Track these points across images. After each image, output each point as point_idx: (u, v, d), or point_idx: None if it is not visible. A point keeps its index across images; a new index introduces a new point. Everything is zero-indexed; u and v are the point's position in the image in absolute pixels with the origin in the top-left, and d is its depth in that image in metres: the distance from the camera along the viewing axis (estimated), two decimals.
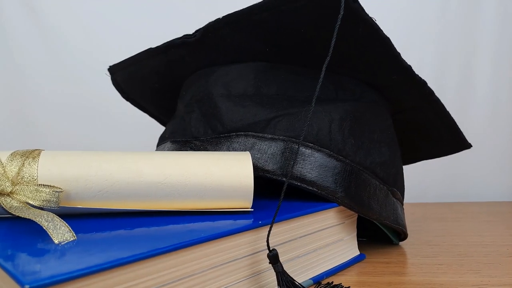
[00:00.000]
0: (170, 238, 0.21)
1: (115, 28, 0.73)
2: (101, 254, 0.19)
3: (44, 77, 0.73)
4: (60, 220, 0.22)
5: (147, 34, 0.71)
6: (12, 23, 0.72)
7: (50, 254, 0.19)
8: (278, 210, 0.28)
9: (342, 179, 0.32)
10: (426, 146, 0.45)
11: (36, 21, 0.72)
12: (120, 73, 0.44)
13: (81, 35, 0.73)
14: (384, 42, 0.29)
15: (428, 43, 0.68)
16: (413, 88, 0.35)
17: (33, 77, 0.73)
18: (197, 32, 0.34)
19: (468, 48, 0.69)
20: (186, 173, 0.27)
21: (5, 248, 0.19)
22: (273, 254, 0.24)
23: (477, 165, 0.70)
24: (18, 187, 0.24)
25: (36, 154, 0.26)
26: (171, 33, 0.70)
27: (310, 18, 0.28)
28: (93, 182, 0.25)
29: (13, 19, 0.72)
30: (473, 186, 0.70)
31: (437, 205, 0.62)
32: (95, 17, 0.73)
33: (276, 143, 0.32)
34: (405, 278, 0.31)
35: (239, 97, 0.34)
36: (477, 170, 0.70)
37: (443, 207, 0.60)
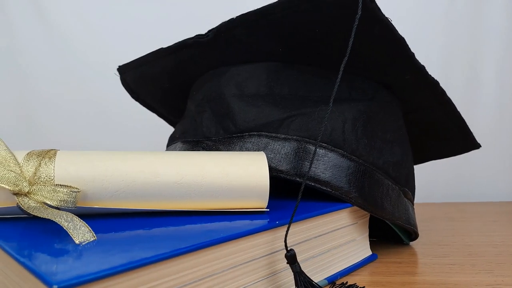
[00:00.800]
0: (190, 238, 0.21)
1: (121, 29, 0.73)
2: (123, 254, 0.18)
3: (49, 78, 0.73)
4: (79, 220, 0.22)
5: (153, 35, 0.71)
6: (18, 24, 0.72)
7: (72, 254, 0.18)
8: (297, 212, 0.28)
9: (355, 179, 0.32)
10: (435, 146, 0.45)
11: (42, 22, 0.72)
12: (130, 73, 0.43)
13: (87, 36, 0.72)
14: (399, 42, 0.29)
15: (434, 43, 0.68)
16: (426, 88, 0.35)
17: (38, 78, 0.73)
18: (210, 32, 0.34)
19: (473, 48, 0.69)
20: (202, 173, 0.26)
21: (26, 248, 0.19)
22: (291, 254, 0.24)
23: (482, 165, 0.70)
24: (35, 187, 0.24)
25: (52, 154, 0.26)
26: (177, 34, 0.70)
27: (325, 18, 0.28)
28: (110, 182, 0.25)
29: (19, 20, 0.72)
30: (478, 186, 0.70)
31: (444, 205, 0.62)
32: (101, 18, 0.73)
33: (289, 143, 0.32)
34: (418, 278, 0.31)
35: (251, 97, 0.34)
36: (482, 170, 0.70)
37: (449, 207, 0.60)
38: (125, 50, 0.71)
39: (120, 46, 0.72)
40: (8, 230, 0.23)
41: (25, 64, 0.73)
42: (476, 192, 0.69)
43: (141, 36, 0.71)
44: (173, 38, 0.46)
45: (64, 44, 0.73)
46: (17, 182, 0.24)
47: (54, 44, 0.73)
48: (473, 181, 0.70)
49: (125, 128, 0.73)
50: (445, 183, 0.70)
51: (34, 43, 0.72)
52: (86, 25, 0.72)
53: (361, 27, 0.26)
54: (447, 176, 0.70)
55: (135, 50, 0.69)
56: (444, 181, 0.70)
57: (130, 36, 0.72)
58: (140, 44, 0.70)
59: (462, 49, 0.69)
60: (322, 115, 0.32)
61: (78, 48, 0.72)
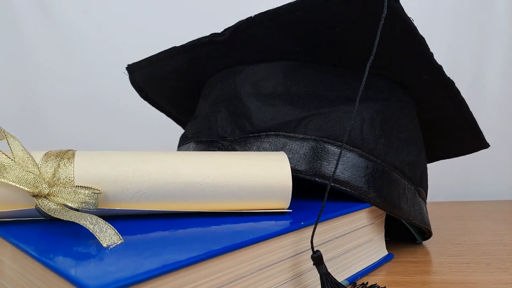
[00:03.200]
0: (219, 239, 0.21)
1: (129, 26, 0.72)
2: (156, 257, 0.18)
3: (56, 75, 0.72)
4: (104, 222, 0.21)
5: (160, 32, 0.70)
6: (24, 22, 0.70)
7: (104, 258, 0.18)
8: (316, 212, 0.27)
9: (374, 179, 0.31)
10: (446, 145, 0.45)
11: (47, 19, 0.71)
12: (140, 72, 0.43)
13: (95, 33, 0.71)
14: (420, 42, 0.29)
15: (439, 43, 0.68)
16: (441, 88, 0.35)
17: (45, 75, 0.72)
18: (226, 30, 0.33)
19: (478, 50, 0.69)
20: (224, 174, 0.26)
21: (52, 252, 0.19)
22: (318, 255, 0.24)
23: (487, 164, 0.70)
24: (55, 189, 0.23)
25: (71, 155, 0.25)
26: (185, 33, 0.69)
27: (347, 17, 0.28)
28: (131, 183, 0.25)
29: (25, 17, 0.71)
30: (483, 185, 0.70)
31: (451, 204, 0.63)
32: (107, 15, 0.72)
33: (308, 143, 0.31)
34: (437, 277, 0.31)
35: (268, 97, 0.34)
36: (487, 169, 0.70)
37: (457, 205, 0.61)
38: (131, 48, 0.71)
39: (126, 44, 0.71)
40: (26, 233, 0.22)
41: (31, 62, 0.71)
42: (482, 191, 0.70)
43: (149, 33, 0.71)
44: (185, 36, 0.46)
45: (72, 39, 0.71)
46: (36, 183, 0.23)
47: (60, 42, 0.72)
48: (479, 180, 0.71)
49: (131, 126, 0.72)
50: (450, 182, 0.70)
51: (40, 41, 0.71)
52: (92, 22, 0.71)
53: (383, 26, 0.26)
54: (452, 175, 0.70)
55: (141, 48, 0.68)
56: (449, 180, 0.70)
57: (136, 34, 0.71)
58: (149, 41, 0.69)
59: (467, 50, 0.69)
60: (340, 115, 0.32)
61: (86, 44, 0.71)
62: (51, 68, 0.72)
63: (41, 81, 0.72)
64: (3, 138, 0.25)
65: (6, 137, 0.24)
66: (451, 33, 0.69)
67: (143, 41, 0.70)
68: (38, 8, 0.71)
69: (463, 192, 0.70)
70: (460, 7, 0.68)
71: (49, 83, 0.72)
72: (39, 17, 0.71)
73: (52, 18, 0.71)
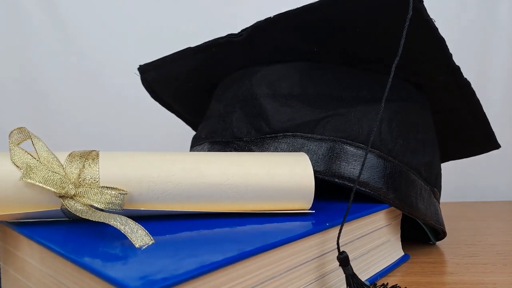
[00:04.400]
0: (248, 240, 0.21)
1: (136, 26, 0.72)
2: (191, 258, 0.18)
3: (62, 75, 0.72)
4: (134, 223, 0.21)
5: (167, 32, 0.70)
6: (30, 19, 0.70)
7: (140, 259, 0.18)
8: (337, 212, 0.28)
9: (392, 180, 0.31)
10: (457, 146, 0.46)
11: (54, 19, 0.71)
12: (152, 73, 0.43)
13: (101, 33, 0.71)
14: (440, 43, 0.29)
15: None
16: (457, 88, 0.35)
17: (51, 74, 0.72)
18: (244, 31, 0.33)
19: (482, 51, 0.69)
20: (247, 175, 0.26)
21: (87, 253, 0.19)
22: (344, 256, 0.24)
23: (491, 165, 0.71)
24: (81, 189, 0.23)
25: (95, 155, 0.25)
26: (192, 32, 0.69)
27: (369, 18, 0.28)
28: (157, 184, 0.24)
29: (32, 15, 0.70)
30: (487, 186, 0.71)
31: (456, 204, 0.63)
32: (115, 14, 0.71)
33: (326, 143, 0.32)
34: (456, 278, 0.31)
35: (285, 97, 0.34)
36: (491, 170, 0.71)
37: (463, 206, 0.61)
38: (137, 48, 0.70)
39: (132, 45, 0.71)
40: (53, 234, 0.22)
41: (36, 62, 0.71)
42: (486, 192, 0.70)
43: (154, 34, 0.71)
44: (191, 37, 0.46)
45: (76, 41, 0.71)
46: (62, 184, 0.23)
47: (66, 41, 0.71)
48: (483, 181, 0.71)
49: (137, 126, 0.72)
50: (454, 182, 0.71)
51: (46, 41, 0.71)
52: (98, 21, 0.71)
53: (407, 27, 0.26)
54: (456, 175, 0.70)
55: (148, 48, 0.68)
56: (453, 180, 0.71)
57: (144, 34, 0.71)
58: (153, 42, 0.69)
59: (470, 51, 0.69)
60: (358, 115, 0.32)
61: (91, 45, 0.71)
62: (57, 67, 0.72)
63: (46, 81, 0.71)
64: (27, 138, 0.25)
65: (31, 138, 0.24)
66: (455, 36, 0.69)
67: (150, 41, 0.70)
68: (45, 8, 0.70)
69: (466, 193, 0.71)
70: (465, 11, 0.69)
71: (55, 82, 0.71)
72: (45, 17, 0.70)
73: (59, 17, 0.71)
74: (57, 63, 0.71)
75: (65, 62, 0.71)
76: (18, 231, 0.23)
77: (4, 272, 0.27)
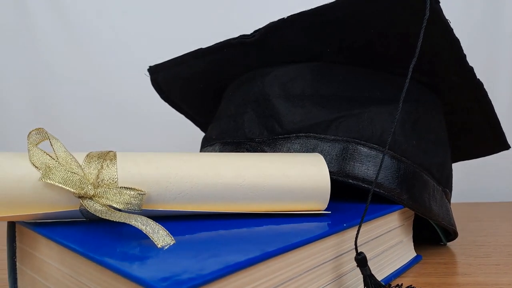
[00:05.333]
0: (270, 240, 0.21)
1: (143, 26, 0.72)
2: (214, 258, 0.18)
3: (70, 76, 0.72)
4: (155, 223, 0.21)
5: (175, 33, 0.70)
6: (38, 20, 0.70)
7: (163, 259, 0.18)
8: (351, 213, 0.28)
9: (406, 181, 0.31)
10: (467, 146, 0.46)
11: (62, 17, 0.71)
12: (162, 73, 0.43)
13: (109, 33, 0.71)
14: (455, 44, 0.29)
15: None
16: (470, 89, 0.35)
17: (58, 75, 0.72)
18: (257, 32, 0.33)
19: (488, 53, 0.69)
20: (263, 175, 0.26)
21: (109, 253, 0.19)
22: (362, 257, 0.24)
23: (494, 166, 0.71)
24: (100, 190, 0.23)
25: (113, 156, 0.25)
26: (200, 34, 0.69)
27: (385, 18, 0.28)
28: (174, 184, 0.25)
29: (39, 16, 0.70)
30: (493, 187, 0.71)
31: (462, 205, 0.63)
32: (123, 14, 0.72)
33: (339, 144, 0.32)
34: (470, 279, 0.31)
35: (297, 98, 0.34)
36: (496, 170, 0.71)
37: (470, 207, 0.61)
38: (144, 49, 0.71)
39: (140, 45, 0.71)
40: (73, 234, 0.22)
41: (44, 62, 0.71)
42: (491, 192, 0.70)
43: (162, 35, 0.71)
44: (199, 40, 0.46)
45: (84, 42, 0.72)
46: (82, 184, 0.23)
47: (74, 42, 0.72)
48: (489, 182, 0.71)
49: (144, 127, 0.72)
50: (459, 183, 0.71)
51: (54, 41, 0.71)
52: (106, 22, 0.71)
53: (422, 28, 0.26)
54: (462, 176, 0.70)
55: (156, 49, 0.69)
56: (459, 181, 0.70)
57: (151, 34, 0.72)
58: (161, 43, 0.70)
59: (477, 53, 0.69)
60: (372, 116, 0.32)
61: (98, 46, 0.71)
62: (64, 68, 0.72)
63: (54, 82, 0.72)
64: (45, 139, 0.25)
65: (49, 138, 0.24)
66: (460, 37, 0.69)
67: (157, 42, 0.70)
68: (52, 9, 0.70)
69: (472, 194, 0.71)
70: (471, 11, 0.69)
71: (62, 83, 0.72)
72: (53, 17, 0.71)
73: (66, 18, 0.71)
74: (64, 64, 0.72)
75: (73, 63, 0.72)
76: (37, 231, 0.23)
77: (20, 272, 0.27)
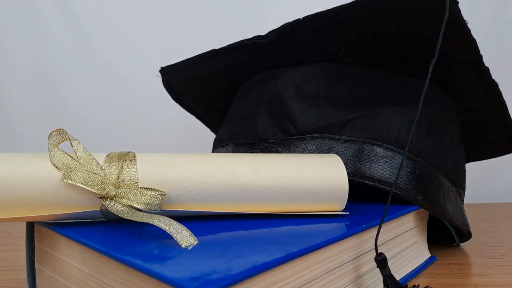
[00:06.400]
0: (293, 241, 0.21)
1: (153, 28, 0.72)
2: (240, 258, 0.18)
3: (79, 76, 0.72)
4: (178, 223, 0.21)
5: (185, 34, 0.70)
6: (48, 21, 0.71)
7: (189, 259, 0.18)
8: (368, 214, 0.28)
9: (421, 182, 0.31)
10: (479, 147, 0.45)
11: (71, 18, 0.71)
12: (174, 74, 0.43)
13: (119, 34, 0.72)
14: (473, 44, 0.29)
15: None
16: (484, 89, 0.35)
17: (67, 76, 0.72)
18: (271, 33, 0.33)
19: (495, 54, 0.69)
20: (281, 176, 0.26)
21: (134, 253, 0.19)
22: (382, 257, 0.24)
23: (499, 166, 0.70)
24: (121, 190, 0.23)
25: (132, 157, 0.25)
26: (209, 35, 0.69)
27: (403, 19, 0.28)
28: (193, 185, 0.25)
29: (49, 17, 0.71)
30: (503, 187, 0.70)
31: (473, 206, 0.63)
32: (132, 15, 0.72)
33: (354, 144, 0.32)
34: (487, 279, 0.31)
35: (311, 99, 0.34)
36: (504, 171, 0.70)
37: (478, 207, 0.61)
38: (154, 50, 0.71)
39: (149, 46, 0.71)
40: (94, 234, 0.22)
41: (53, 63, 0.72)
42: (500, 193, 0.70)
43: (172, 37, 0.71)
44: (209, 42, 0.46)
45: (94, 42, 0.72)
46: (103, 185, 0.23)
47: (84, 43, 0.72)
48: (496, 182, 0.71)
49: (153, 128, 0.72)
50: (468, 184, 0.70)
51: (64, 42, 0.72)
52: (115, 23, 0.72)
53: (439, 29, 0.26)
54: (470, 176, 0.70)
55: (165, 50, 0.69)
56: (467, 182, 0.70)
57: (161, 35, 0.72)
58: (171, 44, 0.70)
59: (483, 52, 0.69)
60: (387, 116, 0.32)
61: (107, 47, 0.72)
62: (74, 68, 0.72)
63: (64, 81, 0.72)
64: (66, 139, 0.25)
65: (69, 139, 0.25)
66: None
67: (167, 43, 0.70)
68: (62, 9, 0.71)
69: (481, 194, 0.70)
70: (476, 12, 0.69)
71: (72, 83, 0.72)
72: (62, 17, 0.71)
73: (76, 19, 0.71)
74: (74, 64, 0.72)
75: (83, 62, 0.72)
76: (58, 231, 0.23)
77: (39, 272, 0.27)
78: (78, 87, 0.72)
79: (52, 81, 0.72)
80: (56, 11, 0.71)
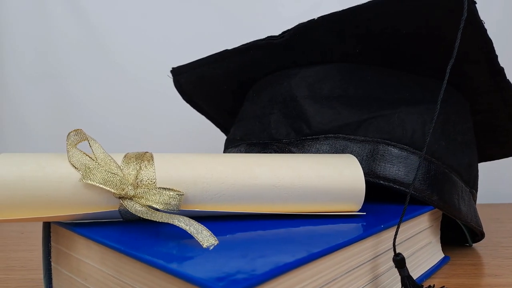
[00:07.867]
0: (313, 241, 0.21)
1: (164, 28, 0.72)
2: (263, 258, 0.18)
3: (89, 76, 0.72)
4: (198, 223, 0.21)
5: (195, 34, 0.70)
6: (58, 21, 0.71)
7: (211, 259, 0.18)
8: (384, 214, 0.27)
9: (436, 182, 0.31)
10: (490, 147, 0.45)
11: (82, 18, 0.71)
12: (186, 75, 0.43)
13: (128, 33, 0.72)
14: (489, 44, 0.29)
15: None
16: (498, 90, 0.34)
17: (77, 76, 0.73)
18: (285, 33, 0.33)
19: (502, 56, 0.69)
20: (298, 176, 0.26)
21: (155, 253, 0.19)
22: (400, 258, 0.24)
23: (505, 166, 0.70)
24: (139, 190, 0.23)
25: (150, 157, 0.25)
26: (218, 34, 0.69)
27: (420, 19, 0.28)
28: (210, 185, 0.25)
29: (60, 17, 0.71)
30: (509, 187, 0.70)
31: (483, 206, 0.62)
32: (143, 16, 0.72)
33: (369, 145, 0.32)
34: (502, 280, 0.31)
35: (325, 99, 0.34)
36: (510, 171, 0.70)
37: (488, 208, 0.60)
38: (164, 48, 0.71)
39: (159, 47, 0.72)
40: (113, 234, 0.22)
41: (64, 63, 0.72)
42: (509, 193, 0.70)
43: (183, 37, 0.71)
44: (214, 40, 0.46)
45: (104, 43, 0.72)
46: (122, 185, 0.23)
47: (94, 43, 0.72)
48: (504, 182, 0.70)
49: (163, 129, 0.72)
50: None
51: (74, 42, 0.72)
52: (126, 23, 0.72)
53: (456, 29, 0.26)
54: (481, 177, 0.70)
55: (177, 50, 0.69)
56: None
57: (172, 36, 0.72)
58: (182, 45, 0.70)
59: None
60: (402, 116, 0.32)
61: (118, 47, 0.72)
62: (84, 68, 0.72)
63: (73, 82, 0.72)
64: (84, 139, 0.25)
65: (87, 139, 0.25)
66: None
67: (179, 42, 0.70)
68: (72, 10, 0.71)
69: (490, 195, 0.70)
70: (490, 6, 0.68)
71: (81, 81, 0.72)
72: (73, 18, 0.71)
73: (87, 19, 0.71)
74: (85, 64, 0.72)
75: (94, 62, 0.72)
76: (76, 231, 0.23)
77: (56, 272, 0.27)
78: (89, 86, 0.72)
79: (63, 81, 0.72)
80: (66, 11, 0.71)
